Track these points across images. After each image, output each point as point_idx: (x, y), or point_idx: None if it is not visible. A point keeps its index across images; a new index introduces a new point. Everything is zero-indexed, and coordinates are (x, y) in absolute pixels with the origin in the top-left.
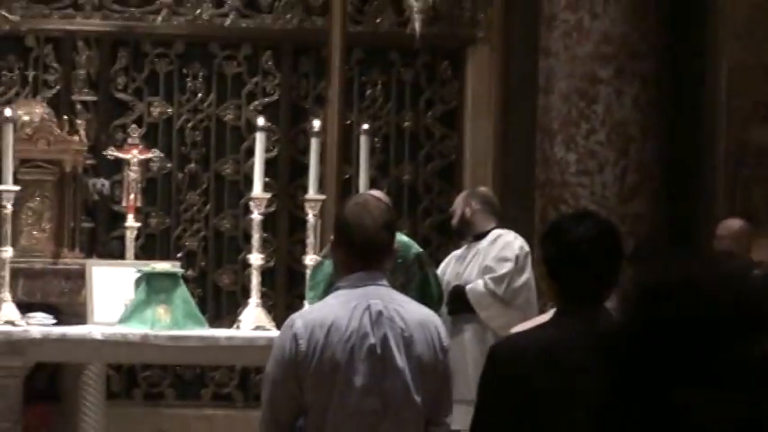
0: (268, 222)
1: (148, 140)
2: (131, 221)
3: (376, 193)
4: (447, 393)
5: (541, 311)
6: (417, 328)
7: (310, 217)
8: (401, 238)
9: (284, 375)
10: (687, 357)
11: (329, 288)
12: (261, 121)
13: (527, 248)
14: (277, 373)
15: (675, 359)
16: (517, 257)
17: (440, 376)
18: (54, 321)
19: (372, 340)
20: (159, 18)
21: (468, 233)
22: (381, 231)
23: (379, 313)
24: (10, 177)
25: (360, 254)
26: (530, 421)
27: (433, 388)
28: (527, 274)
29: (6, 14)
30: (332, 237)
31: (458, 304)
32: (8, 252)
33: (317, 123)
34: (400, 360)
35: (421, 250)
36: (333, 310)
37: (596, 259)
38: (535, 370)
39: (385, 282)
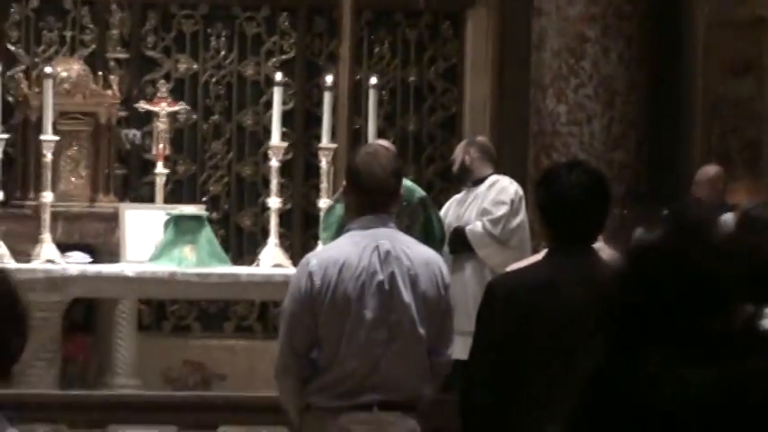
0: (285, 169)
1: (176, 94)
2: (160, 168)
3: (383, 142)
4: (448, 327)
5: (535, 251)
6: (422, 266)
7: (323, 164)
8: (406, 183)
9: (301, 309)
10: (668, 320)
11: (341, 229)
12: (278, 76)
13: (521, 193)
14: (294, 308)
15: (656, 319)
16: (512, 201)
17: (442, 311)
18: (90, 260)
19: (381, 277)
20: None
21: (467, 179)
22: (390, 178)
23: (387, 253)
24: (50, 128)
25: (369, 198)
26: (521, 350)
27: (436, 322)
28: (521, 216)
29: None
30: (344, 182)
31: (458, 244)
32: (49, 197)
33: (329, 79)
34: (406, 295)
35: (425, 194)
36: (345, 250)
37: (585, 204)
38: (528, 304)
39: (393, 224)
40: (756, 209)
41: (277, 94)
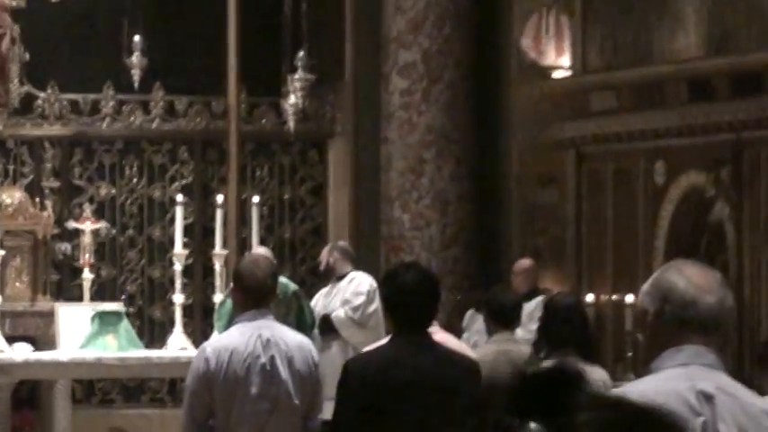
0: (187, 271)
1: (98, 214)
2: (87, 273)
3: (263, 249)
4: (318, 397)
5: (389, 332)
6: (296, 350)
7: (217, 266)
8: (282, 279)
9: (199, 387)
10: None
11: (231, 319)
12: (179, 197)
13: (375, 285)
14: (194, 386)
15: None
16: (368, 292)
17: (313, 385)
18: (32, 349)
19: (263, 360)
20: (104, 124)
21: (331, 275)
22: (268, 279)
23: (268, 340)
24: None
25: (252, 296)
26: (371, 415)
27: (308, 393)
28: (376, 304)
29: None
30: (231, 283)
31: (326, 328)
32: None
33: (220, 198)
34: (284, 373)
35: (297, 288)
36: (234, 338)
37: (419, 298)
38: (377, 378)
39: (271, 316)
40: (559, 295)
41: (179, 212)
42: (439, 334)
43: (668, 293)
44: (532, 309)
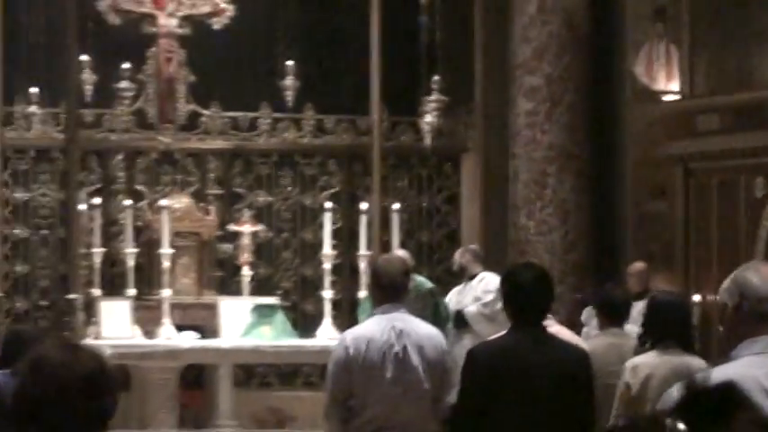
0: (335, 270)
1: (256, 219)
2: (246, 271)
3: (401, 252)
4: (446, 381)
5: None
6: (426, 339)
7: (362, 266)
8: (420, 278)
9: (339, 371)
10: None
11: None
12: (328, 204)
13: None
14: (335, 370)
15: None
16: (497, 290)
17: (441, 370)
18: (198, 337)
19: (397, 348)
20: (261, 139)
21: (464, 275)
22: (400, 277)
23: (401, 330)
24: (167, 244)
25: (386, 292)
26: (494, 395)
27: (437, 378)
28: None
29: (162, 139)
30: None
31: (459, 322)
32: (167, 292)
33: (364, 205)
34: (415, 360)
35: (433, 286)
36: (370, 329)
37: (534, 295)
38: (497, 363)
39: (404, 309)
40: (661, 293)
41: (328, 218)
42: (554, 327)
43: (745, 290)
44: (642, 307)
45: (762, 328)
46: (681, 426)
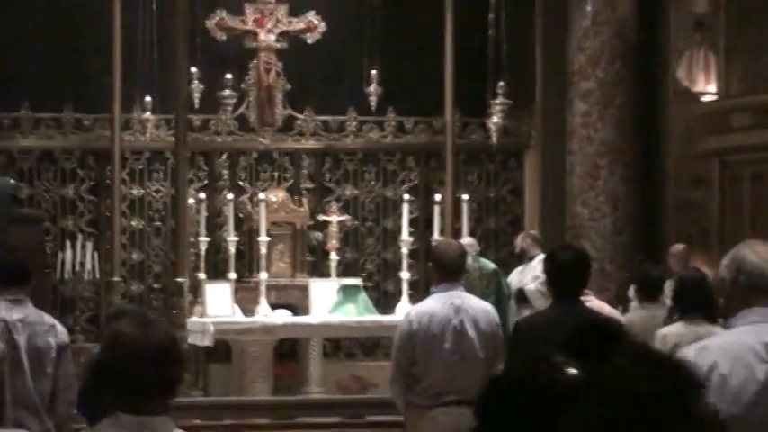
0: (413, 254)
1: (344, 210)
2: (334, 256)
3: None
4: (500, 350)
5: None
6: (481, 313)
7: None
8: (486, 260)
9: (404, 342)
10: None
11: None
12: (406, 196)
13: None
14: (400, 341)
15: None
16: None
17: (495, 341)
18: (291, 314)
19: (455, 322)
20: (348, 139)
21: (525, 257)
22: (458, 259)
23: (459, 306)
24: (264, 233)
25: (446, 272)
26: None
27: (491, 348)
28: None
29: (261, 140)
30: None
31: (520, 298)
32: (264, 275)
33: (438, 197)
34: (471, 332)
35: (496, 267)
36: (431, 305)
37: (572, 273)
38: (540, 334)
39: (461, 288)
40: (689, 271)
41: (406, 208)
42: (594, 302)
43: (742, 265)
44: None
45: (756, 300)
46: (571, 369)
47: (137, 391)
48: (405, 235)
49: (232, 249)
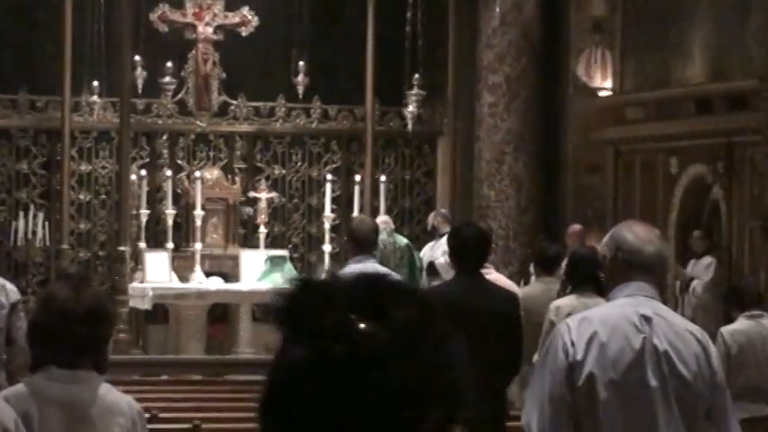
0: (334, 229)
1: (272, 187)
2: (263, 229)
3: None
4: None
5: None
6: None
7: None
8: (400, 237)
9: None
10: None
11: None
12: (330, 176)
13: None
14: None
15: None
16: None
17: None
18: (223, 281)
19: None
20: (278, 124)
21: (436, 234)
22: (370, 234)
23: (377, 273)
24: (199, 207)
25: (360, 246)
26: None
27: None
28: None
29: (198, 123)
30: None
31: (431, 271)
32: (199, 246)
33: (358, 177)
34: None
35: (409, 242)
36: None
37: (474, 248)
38: (449, 303)
39: (374, 260)
40: (579, 248)
41: (329, 187)
42: (493, 274)
43: (620, 243)
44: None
45: (633, 275)
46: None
47: (67, 347)
48: (327, 212)
49: (170, 222)
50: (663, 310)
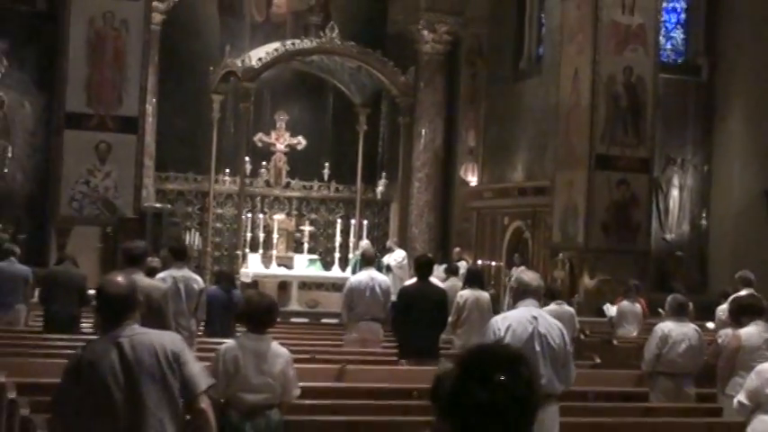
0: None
1: (311, 224)
2: (306, 245)
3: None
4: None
5: (411, 277)
6: (383, 283)
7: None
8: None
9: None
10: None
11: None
12: (338, 220)
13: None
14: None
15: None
16: (404, 257)
17: (386, 296)
18: (285, 270)
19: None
20: (314, 192)
21: (390, 251)
22: (372, 254)
23: (373, 276)
24: (276, 231)
25: (366, 260)
26: (407, 311)
27: (387, 298)
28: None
29: (275, 191)
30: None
31: (388, 269)
32: (275, 251)
33: (353, 221)
34: (378, 291)
35: (380, 257)
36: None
37: (426, 266)
38: (412, 298)
39: (373, 268)
40: (473, 265)
41: (338, 224)
42: (434, 279)
43: (519, 281)
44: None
45: (526, 297)
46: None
47: (258, 323)
48: (338, 237)
49: (261, 239)
50: (542, 313)
